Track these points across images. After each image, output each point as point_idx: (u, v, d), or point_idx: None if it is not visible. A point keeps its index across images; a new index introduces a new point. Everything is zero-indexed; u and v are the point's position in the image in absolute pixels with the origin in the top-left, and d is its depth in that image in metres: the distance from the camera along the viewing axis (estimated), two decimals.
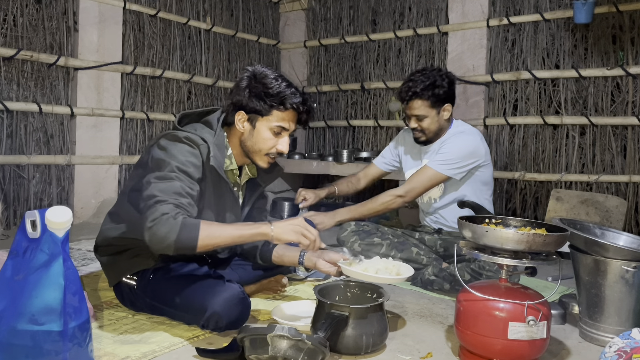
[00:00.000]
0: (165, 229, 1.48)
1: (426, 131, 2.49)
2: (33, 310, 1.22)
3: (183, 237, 1.49)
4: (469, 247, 1.57)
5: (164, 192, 1.54)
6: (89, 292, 2.01)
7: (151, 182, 1.57)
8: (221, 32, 4.27)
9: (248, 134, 1.76)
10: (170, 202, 1.52)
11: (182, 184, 1.58)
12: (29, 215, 1.28)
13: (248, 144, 1.77)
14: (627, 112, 3.26)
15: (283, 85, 1.72)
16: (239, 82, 1.76)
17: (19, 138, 3.18)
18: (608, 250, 1.68)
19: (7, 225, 3.15)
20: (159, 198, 1.52)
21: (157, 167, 1.62)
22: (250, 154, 1.79)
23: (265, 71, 1.75)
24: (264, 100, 1.71)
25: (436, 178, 2.44)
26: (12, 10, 3.12)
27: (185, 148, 1.64)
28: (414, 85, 2.43)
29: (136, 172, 1.80)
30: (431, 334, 1.76)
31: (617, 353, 1.37)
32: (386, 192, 2.55)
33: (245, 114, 1.74)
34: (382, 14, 4.25)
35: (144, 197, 1.55)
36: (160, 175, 1.58)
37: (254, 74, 1.75)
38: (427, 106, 2.44)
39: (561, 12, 3.43)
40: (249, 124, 1.75)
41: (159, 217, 1.49)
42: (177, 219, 1.49)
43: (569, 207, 3.16)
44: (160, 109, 3.89)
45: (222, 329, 1.62)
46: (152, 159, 1.66)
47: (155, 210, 1.50)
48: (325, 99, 4.59)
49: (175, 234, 1.48)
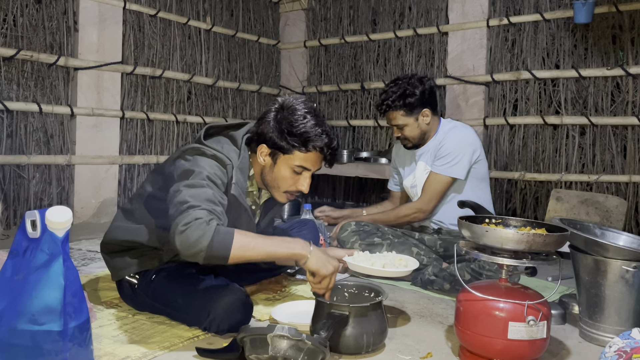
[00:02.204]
0: (198, 234, 1.41)
1: (410, 138, 2.57)
2: (33, 310, 1.22)
3: (216, 244, 1.42)
4: (469, 247, 1.57)
5: (196, 198, 1.48)
6: (89, 292, 2.01)
7: (181, 190, 1.51)
8: (221, 32, 4.27)
9: (269, 169, 1.71)
10: (203, 207, 1.46)
11: (213, 191, 1.53)
12: (29, 215, 1.28)
13: (268, 179, 1.72)
14: (627, 112, 3.26)
15: (309, 125, 1.64)
16: (267, 112, 1.70)
17: (19, 138, 3.18)
18: (608, 250, 1.68)
19: (7, 225, 3.15)
20: (192, 203, 1.46)
21: (184, 176, 1.56)
22: (270, 189, 1.74)
23: (294, 105, 1.67)
24: (286, 140, 1.64)
25: (447, 182, 2.50)
26: (12, 10, 3.12)
27: (213, 163, 1.61)
28: (386, 97, 2.53)
29: (156, 178, 1.77)
30: (431, 334, 1.76)
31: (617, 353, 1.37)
32: (407, 206, 2.60)
33: (268, 148, 1.68)
34: (382, 14, 4.25)
35: (175, 203, 1.49)
36: (191, 183, 1.53)
37: (282, 107, 1.68)
38: (402, 115, 2.52)
39: (561, 12, 3.43)
40: (270, 159, 1.70)
41: (192, 222, 1.42)
42: (210, 225, 1.43)
43: (569, 207, 3.16)
44: (160, 109, 3.89)
45: (224, 332, 1.62)
46: (178, 169, 1.61)
47: (188, 215, 1.43)
48: (325, 99, 4.59)
49: (208, 240, 1.41)
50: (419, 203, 2.55)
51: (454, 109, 3.75)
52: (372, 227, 2.43)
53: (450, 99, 3.79)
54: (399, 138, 2.61)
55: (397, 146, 2.82)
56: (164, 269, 1.76)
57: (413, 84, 2.51)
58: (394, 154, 2.85)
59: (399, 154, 2.80)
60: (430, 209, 2.54)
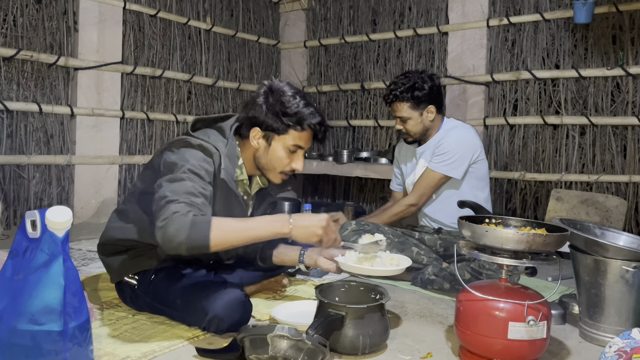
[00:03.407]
0: (175, 227, 1.43)
1: (411, 132, 2.57)
2: (33, 310, 1.22)
3: (194, 235, 1.44)
4: (469, 247, 1.57)
5: (175, 192, 1.51)
6: (89, 292, 2.01)
7: (162, 185, 1.55)
8: (221, 32, 4.27)
9: (263, 151, 1.74)
10: (181, 201, 1.49)
11: (194, 184, 1.55)
12: (29, 215, 1.28)
13: (262, 161, 1.76)
14: (627, 112, 3.26)
15: (301, 105, 1.69)
16: (256, 97, 1.73)
17: (19, 138, 3.18)
18: (608, 250, 1.68)
19: (7, 225, 3.15)
20: (170, 198, 1.49)
21: (168, 170, 1.59)
22: (264, 171, 1.78)
23: (282, 87, 1.72)
24: (281, 120, 1.68)
25: (440, 179, 2.52)
26: (12, 10, 3.12)
27: (198, 154, 1.62)
28: (395, 88, 2.53)
29: (145, 174, 1.79)
30: (431, 334, 1.76)
31: (617, 353, 1.37)
32: (399, 203, 2.65)
33: (261, 131, 1.72)
34: (382, 14, 4.25)
35: (156, 198, 1.53)
36: (172, 177, 1.56)
37: (271, 89, 1.72)
38: (409, 108, 2.52)
39: (561, 12, 3.43)
40: (264, 141, 1.73)
41: (169, 216, 1.45)
42: (187, 217, 1.45)
43: (569, 207, 3.16)
44: (160, 109, 3.88)
45: (224, 331, 1.62)
46: (164, 162, 1.63)
47: (167, 210, 1.47)
48: (325, 99, 4.59)
49: (185, 232, 1.43)
50: (409, 198, 2.58)
51: (454, 109, 3.75)
52: (372, 226, 2.43)
53: (450, 99, 3.78)
54: (399, 132, 2.62)
55: (399, 145, 2.82)
56: (163, 269, 1.77)
57: (423, 78, 2.52)
58: (397, 154, 2.85)
59: (401, 153, 2.79)
60: (421, 204, 2.58)
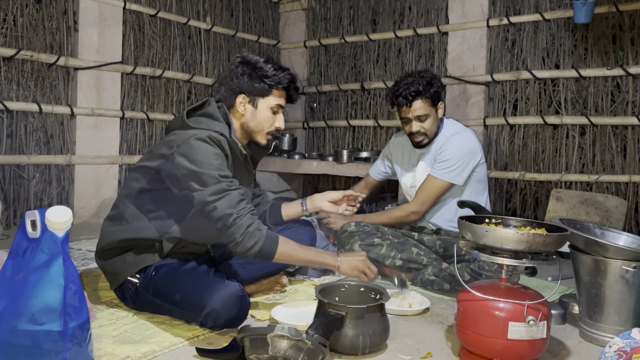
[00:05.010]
0: (253, 240, 1.67)
1: (428, 132, 2.48)
2: (33, 310, 1.22)
3: (266, 247, 1.69)
4: (469, 247, 1.57)
5: (232, 207, 1.67)
6: (89, 292, 2.01)
7: (210, 202, 1.66)
8: (221, 32, 4.27)
9: (250, 116, 1.90)
10: (244, 213, 1.68)
11: (236, 190, 1.71)
12: (29, 215, 1.28)
13: (251, 125, 1.91)
14: (627, 112, 3.26)
15: (275, 67, 1.88)
16: (234, 69, 1.89)
17: (19, 138, 3.18)
18: (608, 250, 1.68)
19: (7, 225, 3.15)
20: (234, 215, 1.67)
21: (195, 179, 1.68)
22: (253, 134, 1.93)
23: (254, 57, 1.90)
24: (263, 82, 1.86)
25: (443, 187, 2.47)
26: (12, 10, 3.12)
27: (210, 151, 1.71)
28: (413, 85, 2.42)
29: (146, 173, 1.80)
30: (431, 334, 1.76)
31: (617, 353, 1.37)
32: (400, 207, 2.59)
33: (247, 97, 1.88)
34: (382, 14, 4.25)
35: (216, 218, 1.67)
36: (214, 190, 1.67)
37: (246, 61, 1.88)
38: (428, 105, 2.44)
39: (561, 12, 3.43)
40: (251, 106, 1.89)
41: (244, 231, 1.67)
42: (261, 231, 1.69)
43: (569, 207, 3.16)
44: (160, 109, 3.89)
45: (221, 326, 1.63)
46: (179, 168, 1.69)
47: (240, 226, 1.66)
48: (325, 99, 4.59)
49: (260, 244, 1.68)
50: (412, 205, 2.52)
51: (454, 109, 3.75)
52: (372, 227, 2.42)
53: (450, 99, 3.78)
54: (413, 134, 2.48)
55: (398, 140, 2.73)
56: (164, 265, 1.77)
57: (434, 75, 2.49)
58: (392, 147, 2.75)
59: (397, 150, 2.71)
60: (424, 211, 2.52)
